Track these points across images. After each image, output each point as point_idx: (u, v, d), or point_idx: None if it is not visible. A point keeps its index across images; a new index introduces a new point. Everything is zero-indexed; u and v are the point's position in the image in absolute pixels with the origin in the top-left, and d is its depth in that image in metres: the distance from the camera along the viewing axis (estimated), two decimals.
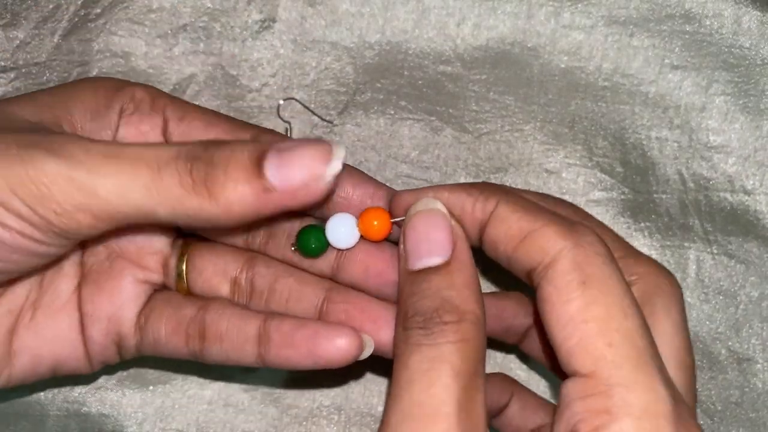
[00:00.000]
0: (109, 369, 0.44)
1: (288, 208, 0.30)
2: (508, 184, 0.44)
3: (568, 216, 0.35)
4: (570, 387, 0.28)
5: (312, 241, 0.35)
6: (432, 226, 0.32)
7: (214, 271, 0.37)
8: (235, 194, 0.29)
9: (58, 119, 0.33)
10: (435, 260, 0.32)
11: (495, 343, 0.46)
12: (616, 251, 0.33)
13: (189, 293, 0.37)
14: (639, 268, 0.34)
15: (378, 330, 0.34)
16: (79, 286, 0.37)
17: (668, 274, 0.35)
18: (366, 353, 0.34)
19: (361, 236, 0.35)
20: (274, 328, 0.35)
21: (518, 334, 0.40)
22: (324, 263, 0.36)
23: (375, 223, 0.34)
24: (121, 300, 0.36)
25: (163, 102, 0.36)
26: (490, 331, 0.38)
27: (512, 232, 0.31)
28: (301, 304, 0.36)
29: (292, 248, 0.36)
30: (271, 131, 0.37)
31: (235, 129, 0.36)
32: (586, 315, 0.28)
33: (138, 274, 0.37)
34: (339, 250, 0.36)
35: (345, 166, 0.34)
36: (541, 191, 0.44)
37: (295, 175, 0.29)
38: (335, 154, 0.29)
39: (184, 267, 0.37)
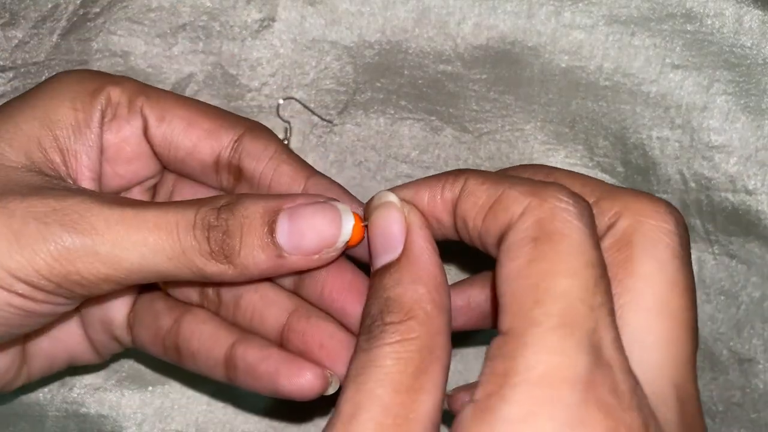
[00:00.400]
0: (108, 369, 0.44)
1: (303, 269, 0.32)
2: None
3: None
4: (489, 347, 0.25)
5: None
6: (385, 220, 0.30)
7: None
8: (251, 260, 0.31)
9: (47, 153, 0.33)
10: (389, 257, 0.30)
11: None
12: (591, 195, 0.30)
13: (168, 295, 0.37)
14: (616, 206, 0.30)
15: (334, 369, 0.33)
16: None
17: (654, 205, 0.29)
18: (332, 389, 0.33)
19: None
20: (240, 356, 0.34)
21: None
22: (286, 278, 0.35)
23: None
24: (109, 304, 0.37)
25: (140, 101, 0.35)
26: (461, 324, 0.36)
27: (480, 202, 0.29)
28: (263, 326, 0.35)
29: None
30: (256, 125, 0.36)
31: (216, 130, 0.35)
32: (527, 271, 0.25)
33: None
34: None
35: (325, 177, 0.35)
36: None
37: (307, 243, 0.31)
38: (345, 221, 0.31)
39: None
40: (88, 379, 0.44)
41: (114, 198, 0.31)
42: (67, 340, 0.38)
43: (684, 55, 0.43)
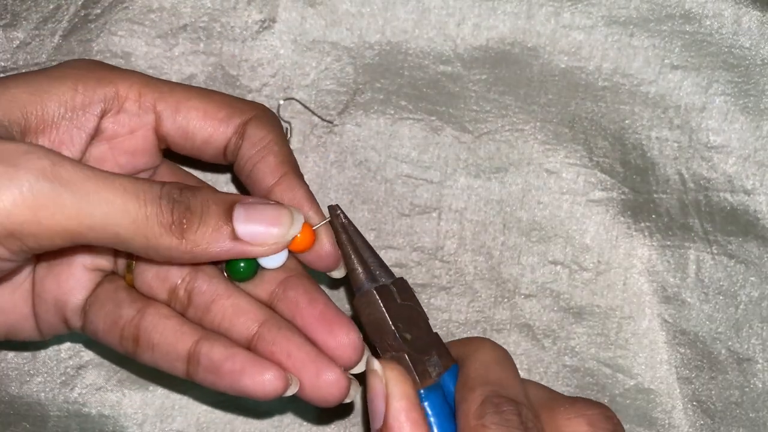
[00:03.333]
0: (109, 369, 0.44)
1: (249, 257, 0.33)
2: (508, 183, 0.45)
3: None
4: None
5: (239, 263, 0.35)
6: (371, 389, 0.32)
7: (156, 275, 0.36)
8: (205, 239, 0.32)
9: (28, 118, 0.33)
10: (375, 426, 0.32)
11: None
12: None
13: (134, 286, 0.37)
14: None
15: (299, 377, 0.34)
16: (35, 265, 0.37)
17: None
18: (291, 391, 0.34)
19: (291, 251, 0.35)
20: (204, 353, 0.34)
21: None
22: (261, 291, 0.36)
23: (298, 235, 0.34)
24: (68, 285, 0.36)
25: (152, 97, 0.35)
26: None
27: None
28: (231, 333, 0.35)
29: (225, 273, 0.36)
30: (263, 112, 0.37)
31: (229, 118, 0.36)
32: None
33: (88, 260, 0.36)
34: (270, 269, 0.35)
35: (296, 179, 0.36)
36: (540, 191, 0.45)
37: (259, 231, 0.33)
38: (295, 219, 0.33)
39: (134, 260, 0.37)
40: (90, 379, 0.44)
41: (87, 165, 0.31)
42: (11, 312, 0.37)
43: (683, 55, 0.43)
